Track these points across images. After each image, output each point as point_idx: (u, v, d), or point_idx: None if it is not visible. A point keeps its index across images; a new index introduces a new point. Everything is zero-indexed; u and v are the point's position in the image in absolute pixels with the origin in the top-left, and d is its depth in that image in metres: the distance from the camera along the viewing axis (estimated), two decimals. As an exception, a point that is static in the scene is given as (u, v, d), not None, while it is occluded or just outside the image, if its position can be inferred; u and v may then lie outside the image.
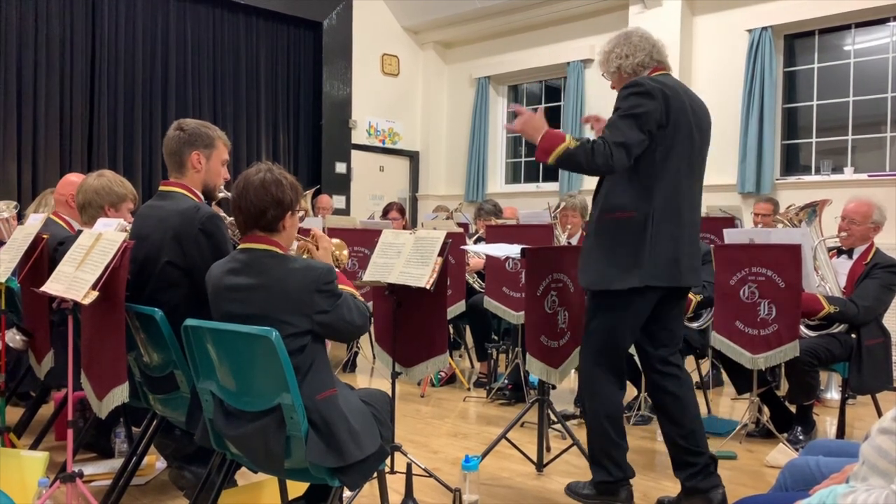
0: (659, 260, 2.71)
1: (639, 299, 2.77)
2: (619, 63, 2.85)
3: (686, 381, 2.90)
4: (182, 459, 2.87)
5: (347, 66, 9.22)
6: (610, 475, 2.89)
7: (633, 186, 2.73)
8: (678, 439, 2.85)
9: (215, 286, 2.25)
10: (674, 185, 2.74)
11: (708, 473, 2.82)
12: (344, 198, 9.18)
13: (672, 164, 2.73)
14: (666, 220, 2.72)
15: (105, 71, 7.46)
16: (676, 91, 2.76)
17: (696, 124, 2.79)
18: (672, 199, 2.74)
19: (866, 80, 6.65)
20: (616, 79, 2.89)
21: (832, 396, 4.92)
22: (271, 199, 2.19)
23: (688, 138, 2.76)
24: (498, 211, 5.83)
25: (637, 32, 2.88)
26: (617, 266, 2.73)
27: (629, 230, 2.73)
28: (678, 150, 2.73)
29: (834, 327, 3.84)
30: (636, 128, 2.64)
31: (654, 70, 2.84)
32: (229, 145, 2.95)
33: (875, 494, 1.26)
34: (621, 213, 2.75)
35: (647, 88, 2.67)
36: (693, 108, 2.80)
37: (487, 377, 5.07)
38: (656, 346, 2.90)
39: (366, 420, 2.22)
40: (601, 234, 2.81)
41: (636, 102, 2.66)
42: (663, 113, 2.67)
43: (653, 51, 2.84)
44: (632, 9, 7.70)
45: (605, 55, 2.91)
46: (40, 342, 3.26)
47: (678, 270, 2.75)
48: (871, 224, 3.94)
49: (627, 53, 2.83)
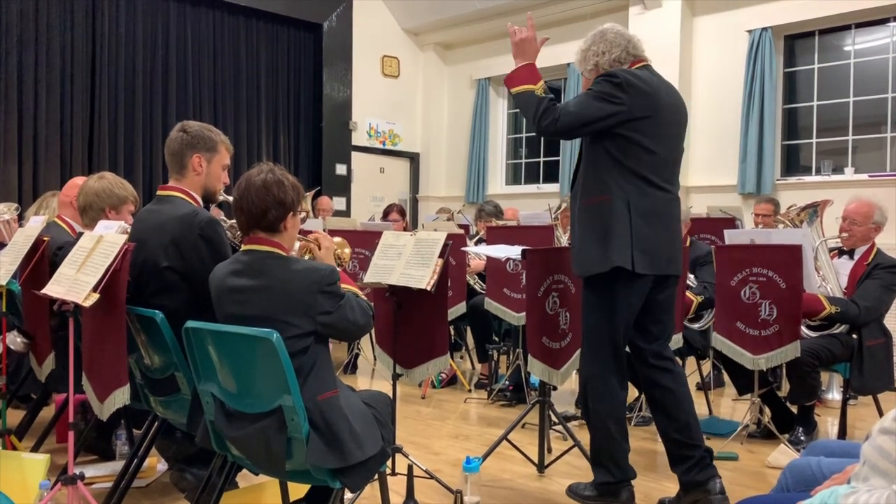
0: (642, 247, 2.73)
1: (626, 287, 2.78)
2: (595, 60, 2.88)
3: (679, 375, 2.92)
4: (183, 461, 2.87)
5: (348, 68, 9.23)
6: (612, 476, 2.90)
7: (608, 175, 2.77)
8: (673, 433, 2.86)
9: (218, 288, 2.26)
10: (652, 175, 2.77)
11: (704, 465, 2.83)
12: (344, 199, 9.18)
13: (644, 154, 2.76)
14: (644, 208, 2.75)
15: (105, 73, 7.46)
16: (651, 83, 2.79)
17: (671, 117, 2.83)
18: (651, 189, 2.77)
19: (866, 81, 6.65)
20: (594, 76, 2.92)
21: (833, 397, 4.92)
22: (273, 199, 2.20)
23: (662, 130, 2.79)
24: (499, 212, 5.83)
25: (612, 29, 2.91)
26: (599, 248, 2.77)
27: (606, 214, 2.76)
28: (651, 141, 2.76)
29: (835, 328, 3.84)
30: (595, 109, 2.70)
31: (633, 64, 2.86)
32: (231, 150, 2.95)
33: (876, 495, 1.26)
34: (596, 197, 2.80)
35: (619, 80, 2.72)
36: (670, 101, 2.84)
37: (488, 378, 5.07)
38: (649, 340, 2.92)
39: (367, 421, 2.22)
40: (582, 222, 2.86)
41: (606, 89, 2.72)
42: (632, 106, 2.71)
43: (629, 46, 2.86)
44: (632, 10, 7.70)
45: (582, 53, 2.95)
46: (41, 344, 3.26)
47: (659, 259, 2.78)
48: (872, 224, 3.94)
49: (604, 50, 2.86)
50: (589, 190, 2.83)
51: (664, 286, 2.90)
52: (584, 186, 2.86)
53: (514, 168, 9.57)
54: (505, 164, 9.58)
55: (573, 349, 3.43)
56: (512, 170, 9.58)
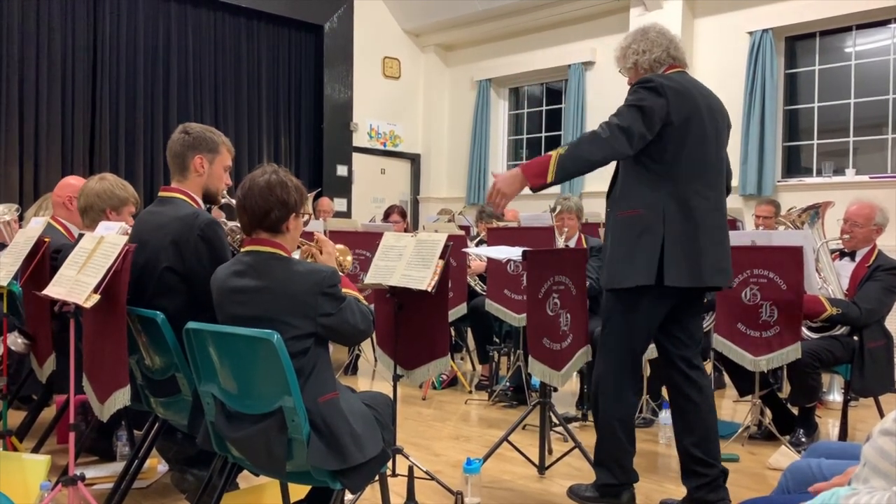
0: (676, 260, 2.66)
1: (653, 299, 2.73)
2: (635, 59, 2.83)
3: (706, 389, 2.85)
4: (184, 462, 2.87)
5: (348, 69, 9.23)
6: (614, 478, 2.88)
7: (644, 185, 2.71)
8: (691, 448, 2.80)
9: (220, 288, 2.26)
10: (688, 184, 2.69)
11: (717, 486, 2.78)
12: (345, 201, 9.18)
13: (683, 163, 2.69)
14: (680, 220, 2.68)
15: (106, 74, 7.47)
16: (689, 90, 2.72)
17: (710, 124, 2.75)
18: (687, 198, 2.69)
19: (867, 82, 6.65)
20: (632, 74, 2.86)
21: (834, 398, 4.92)
22: (276, 199, 2.21)
23: (701, 138, 2.72)
24: (500, 213, 5.83)
25: (655, 28, 2.86)
26: (628, 263, 2.71)
27: (639, 228, 2.70)
28: (690, 149, 2.69)
29: (836, 329, 3.84)
30: (640, 119, 2.62)
31: (670, 67, 2.81)
32: (233, 151, 2.95)
33: (877, 497, 1.26)
34: (630, 210, 2.74)
35: (655, 85, 2.66)
36: (709, 108, 2.76)
37: (489, 380, 5.07)
38: (678, 346, 2.86)
39: (368, 423, 2.22)
40: (614, 233, 2.80)
41: (643, 96, 2.65)
42: (670, 111, 2.64)
43: (670, 47, 2.81)
44: (632, 11, 7.70)
45: (622, 51, 2.88)
46: (42, 345, 3.26)
47: (699, 270, 2.69)
48: (874, 226, 3.94)
49: (644, 49, 2.81)
50: (623, 201, 2.77)
51: (697, 296, 2.84)
52: (619, 197, 2.80)
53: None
54: (506, 165, 9.57)
55: (574, 350, 3.42)
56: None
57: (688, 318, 2.86)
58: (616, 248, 2.77)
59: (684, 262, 2.67)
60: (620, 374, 2.84)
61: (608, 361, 2.86)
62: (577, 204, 4.86)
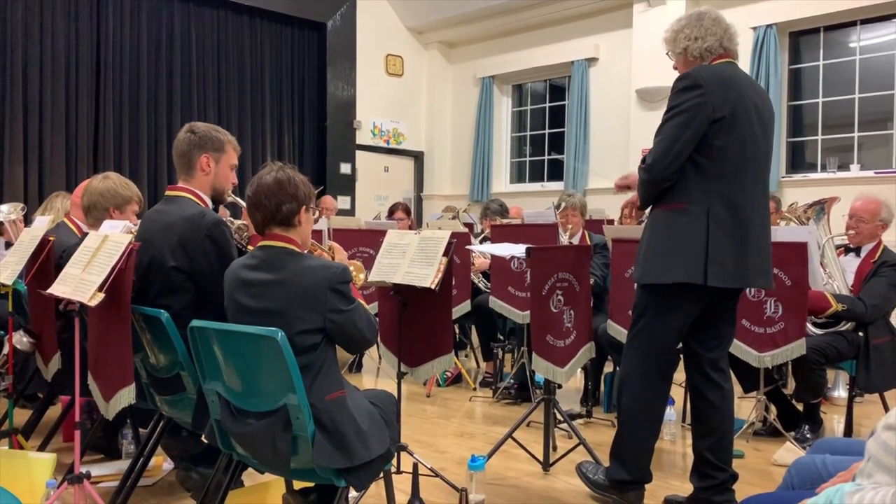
0: (720, 259, 2.55)
1: (689, 297, 2.64)
2: (686, 44, 2.71)
3: (729, 393, 2.79)
4: (189, 460, 2.88)
5: (351, 67, 9.23)
6: (628, 474, 2.82)
7: (690, 179, 2.60)
8: (705, 451, 2.76)
9: (232, 281, 2.28)
10: (733, 180, 2.58)
11: (724, 489, 2.76)
12: (349, 198, 9.20)
13: (731, 158, 2.58)
14: (727, 217, 2.57)
15: (110, 74, 7.49)
16: (736, 82, 2.61)
17: (757, 118, 2.64)
18: (732, 195, 2.58)
19: (872, 77, 6.63)
20: (681, 60, 2.75)
21: (839, 395, 4.90)
22: (286, 194, 2.25)
23: (748, 132, 2.61)
24: (504, 211, 5.83)
25: (710, 15, 2.72)
26: (666, 259, 2.61)
27: (681, 223, 2.59)
28: (737, 143, 2.58)
29: (841, 325, 3.83)
30: (682, 125, 2.54)
31: (720, 57, 2.69)
32: (239, 150, 2.95)
33: (882, 492, 1.26)
34: (674, 204, 2.62)
35: (692, 81, 2.56)
36: (755, 102, 2.65)
37: (493, 377, 5.07)
38: (706, 347, 2.78)
39: (374, 421, 2.23)
40: (653, 227, 2.70)
41: (682, 98, 2.56)
42: (712, 102, 2.53)
43: (724, 37, 2.70)
44: (636, 7, 7.68)
45: (673, 34, 2.76)
46: (47, 344, 3.27)
47: (744, 271, 2.59)
48: (879, 222, 3.93)
49: (697, 36, 2.69)
50: (666, 195, 2.64)
51: (733, 296, 2.76)
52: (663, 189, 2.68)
53: (519, 166, 9.56)
54: (509, 162, 9.57)
55: (578, 347, 3.42)
56: (516, 168, 9.58)
57: (720, 320, 2.78)
58: (655, 243, 2.65)
59: (729, 262, 2.56)
60: (651, 373, 2.75)
61: (637, 358, 2.77)
62: (580, 201, 4.86)
